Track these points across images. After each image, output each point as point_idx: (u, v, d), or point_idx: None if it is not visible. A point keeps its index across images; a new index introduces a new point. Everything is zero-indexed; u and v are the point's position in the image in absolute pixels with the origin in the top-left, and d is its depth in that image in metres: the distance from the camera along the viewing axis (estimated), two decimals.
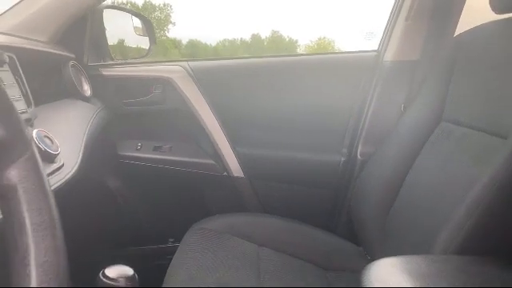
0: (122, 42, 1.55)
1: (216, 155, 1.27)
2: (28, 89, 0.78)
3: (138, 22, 1.35)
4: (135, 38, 1.37)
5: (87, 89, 1.13)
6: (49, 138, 0.63)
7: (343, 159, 1.22)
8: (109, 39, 1.32)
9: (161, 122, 1.33)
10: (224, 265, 0.89)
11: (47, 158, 0.62)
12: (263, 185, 1.28)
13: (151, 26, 1.37)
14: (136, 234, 1.35)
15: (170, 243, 1.35)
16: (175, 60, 1.28)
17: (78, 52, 1.15)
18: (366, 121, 1.19)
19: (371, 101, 1.19)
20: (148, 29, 1.35)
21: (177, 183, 1.30)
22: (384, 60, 1.18)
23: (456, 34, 1.01)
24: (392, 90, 1.16)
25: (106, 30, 1.29)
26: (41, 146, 0.60)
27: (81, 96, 1.08)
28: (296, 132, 1.28)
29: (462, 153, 0.77)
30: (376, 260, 0.54)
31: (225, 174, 1.27)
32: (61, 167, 0.64)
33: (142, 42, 1.37)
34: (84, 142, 0.83)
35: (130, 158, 1.28)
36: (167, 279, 0.85)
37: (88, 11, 1.12)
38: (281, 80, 1.25)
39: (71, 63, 1.08)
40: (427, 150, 0.89)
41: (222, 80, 1.27)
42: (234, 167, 1.26)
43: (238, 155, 1.26)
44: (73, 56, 1.11)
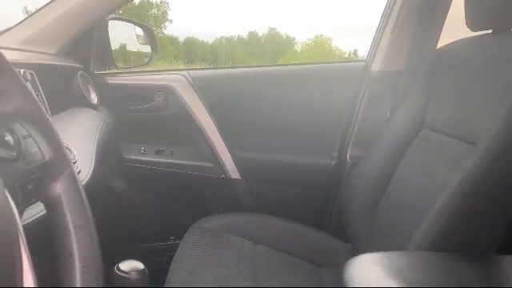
0: (124, 47, 1.60)
1: (214, 158, 1.32)
2: (46, 103, 0.82)
3: (140, 31, 1.40)
4: (137, 46, 1.42)
5: (94, 97, 1.17)
6: (68, 149, 0.69)
7: (334, 162, 1.28)
8: (112, 45, 1.35)
9: (163, 128, 1.38)
10: (222, 261, 0.95)
11: None
12: (259, 186, 1.33)
13: (153, 35, 1.41)
14: (139, 233, 1.40)
15: (171, 241, 1.40)
16: (176, 69, 1.33)
17: (85, 61, 1.19)
18: (355, 126, 1.25)
19: (359, 108, 1.24)
20: (150, 38, 1.39)
21: (178, 185, 1.35)
22: (371, 70, 1.23)
23: (438, 47, 1.07)
24: (379, 98, 1.21)
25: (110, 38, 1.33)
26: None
27: (89, 104, 1.11)
28: (290, 136, 1.33)
29: (438, 158, 0.82)
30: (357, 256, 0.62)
31: (223, 176, 1.33)
32: (78, 174, 0.70)
33: (144, 49, 1.42)
34: (95, 148, 0.87)
35: (134, 162, 1.32)
36: (170, 273, 0.91)
37: (95, 23, 1.16)
38: (275, 88, 1.31)
39: (79, 73, 1.11)
40: (410, 155, 0.93)
41: (220, 88, 1.32)
42: (232, 170, 1.32)
43: (236, 158, 1.31)
44: (81, 66, 1.15)
